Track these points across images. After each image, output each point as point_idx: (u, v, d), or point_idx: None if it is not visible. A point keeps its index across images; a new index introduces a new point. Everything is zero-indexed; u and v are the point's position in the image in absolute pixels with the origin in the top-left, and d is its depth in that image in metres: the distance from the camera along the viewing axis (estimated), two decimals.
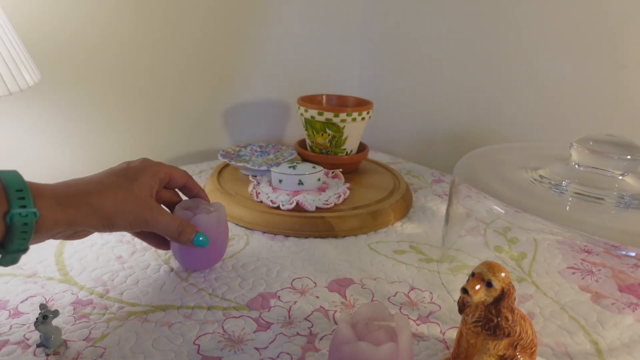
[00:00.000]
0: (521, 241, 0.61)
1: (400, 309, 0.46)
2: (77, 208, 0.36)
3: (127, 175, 0.41)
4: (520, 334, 0.34)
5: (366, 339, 0.32)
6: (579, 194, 0.43)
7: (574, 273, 0.54)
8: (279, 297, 0.47)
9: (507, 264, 0.56)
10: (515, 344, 0.35)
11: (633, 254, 0.38)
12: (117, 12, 0.73)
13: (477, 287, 0.33)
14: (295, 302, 0.47)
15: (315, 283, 0.50)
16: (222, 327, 0.42)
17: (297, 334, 0.42)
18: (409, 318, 0.45)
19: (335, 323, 0.44)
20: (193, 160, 0.89)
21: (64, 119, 0.73)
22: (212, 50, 0.86)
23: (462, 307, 0.36)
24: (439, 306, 0.47)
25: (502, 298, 0.33)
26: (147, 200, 0.41)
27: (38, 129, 0.71)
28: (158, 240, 0.49)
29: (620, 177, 0.45)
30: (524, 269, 0.55)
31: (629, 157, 0.43)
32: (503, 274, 0.33)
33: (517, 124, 0.80)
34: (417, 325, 0.44)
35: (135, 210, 0.40)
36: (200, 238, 0.45)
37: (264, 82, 0.95)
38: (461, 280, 0.51)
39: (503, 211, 0.43)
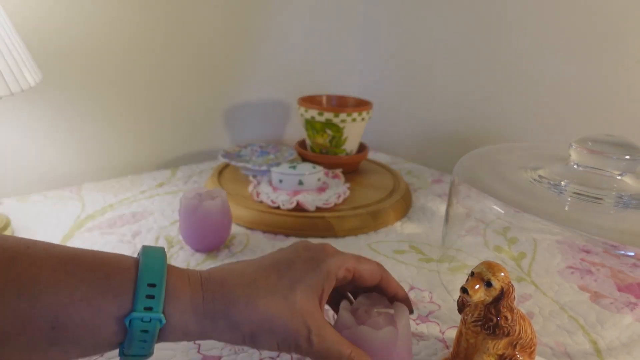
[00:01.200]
0: (521, 241, 0.61)
1: None
2: (214, 321, 0.29)
3: (291, 274, 0.31)
4: (519, 333, 0.34)
5: (367, 324, 0.33)
6: (578, 194, 0.43)
7: (573, 273, 0.54)
8: None
9: (507, 263, 0.56)
10: (514, 343, 0.35)
11: (632, 254, 0.38)
12: (119, 13, 0.73)
13: (477, 286, 0.33)
14: None
15: None
16: None
17: None
18: None
19: None
20: (194, 160, 0.90)
21: (65, 119, 0.73)
22: (213, 51, 0.86)
23: (462, 306, 0.36)
24: (439, 306, 0.47)
25: (502, 297, 0.33)
26: (308, 315, 0.30)
27: (39, 130, 0.71)
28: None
29: (619, 177, 0.45)
30: (524, 268, 0.55)
31: (627, 157, 0.43)
32: (502, 274, 0.33)
33: (517, 124, 0.80)
34: (417, 324, 0.44)
35: (287, 330, 0.29)
36: None
37: (265, 83, 0.95)
38: (461, 280, 0.51)
39: (502, 211, 0.43)
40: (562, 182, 0.46)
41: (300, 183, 0.65)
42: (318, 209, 0.62)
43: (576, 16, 0.68)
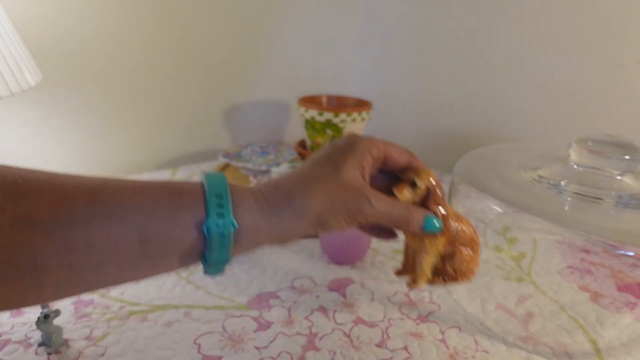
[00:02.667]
0: (520, 241, 0.61)
1: (400, 308, 0.47)
2: (280, 215, 0.30)
3: (331, 160, 0.33)
4: (456, 230, 0.35)
5: None
6: (578, 194, 0.44)
7: (572, 272, 0.54)
8: (279, 296, 0.48)
9: (507, 263, 0.56)
10: (453, 242, 0.35)
11: (631, 254, 0.38)
12: (119, 14, 0.73)
13: (403, 189, 0.33)
14: (295, 302, 0.47)
15: (315, 283, 0.50)
16: (223, 326, 0.43)
17: (298, 333, 0.42)
18: (408, 317, 0.45)
19: (336, 322, 0.44)
20: (194, 160, 0.90)
21: (65, 119, 0.73)
22: (213, 51, 0.86)
23: None
24: (439, 305, 0.47)
25: (428, 197, 0.34)
26: (359, 186, 0.32)
27: (39, 130, 0.71)
28: (383, 230, 0.39)
29: (618, 177, 0.45)
30: (524, 268, 0.55)
31: (627, 157, 0.43)
32: (428, 175, 0.34)
33: (517, 124, 0.80)
34: (417, 324, 0.44)
35: (347, 202, 0.31)
36: (435, 222, 0.34)
37: (265, 83, 0.95)
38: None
39: (502, 211, 0.43)
40: (562, 182, 0.46)
41: None
42: None
43: (576, 16, 0.68)
